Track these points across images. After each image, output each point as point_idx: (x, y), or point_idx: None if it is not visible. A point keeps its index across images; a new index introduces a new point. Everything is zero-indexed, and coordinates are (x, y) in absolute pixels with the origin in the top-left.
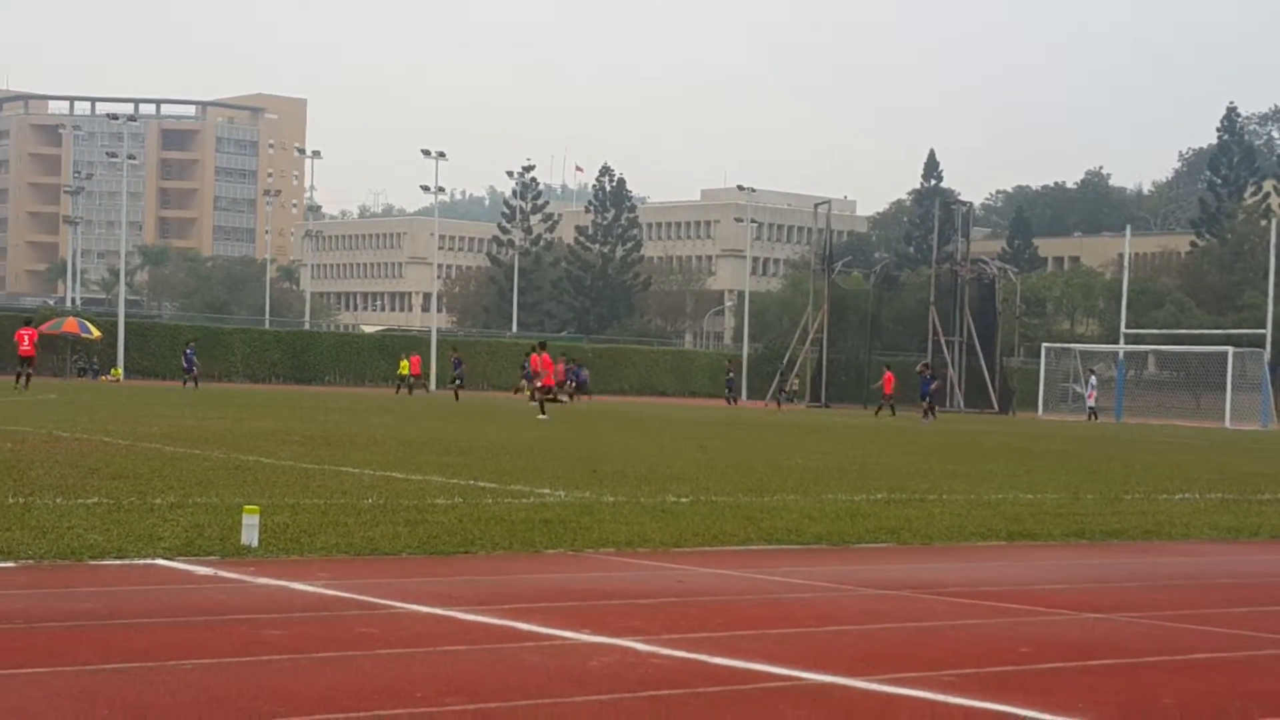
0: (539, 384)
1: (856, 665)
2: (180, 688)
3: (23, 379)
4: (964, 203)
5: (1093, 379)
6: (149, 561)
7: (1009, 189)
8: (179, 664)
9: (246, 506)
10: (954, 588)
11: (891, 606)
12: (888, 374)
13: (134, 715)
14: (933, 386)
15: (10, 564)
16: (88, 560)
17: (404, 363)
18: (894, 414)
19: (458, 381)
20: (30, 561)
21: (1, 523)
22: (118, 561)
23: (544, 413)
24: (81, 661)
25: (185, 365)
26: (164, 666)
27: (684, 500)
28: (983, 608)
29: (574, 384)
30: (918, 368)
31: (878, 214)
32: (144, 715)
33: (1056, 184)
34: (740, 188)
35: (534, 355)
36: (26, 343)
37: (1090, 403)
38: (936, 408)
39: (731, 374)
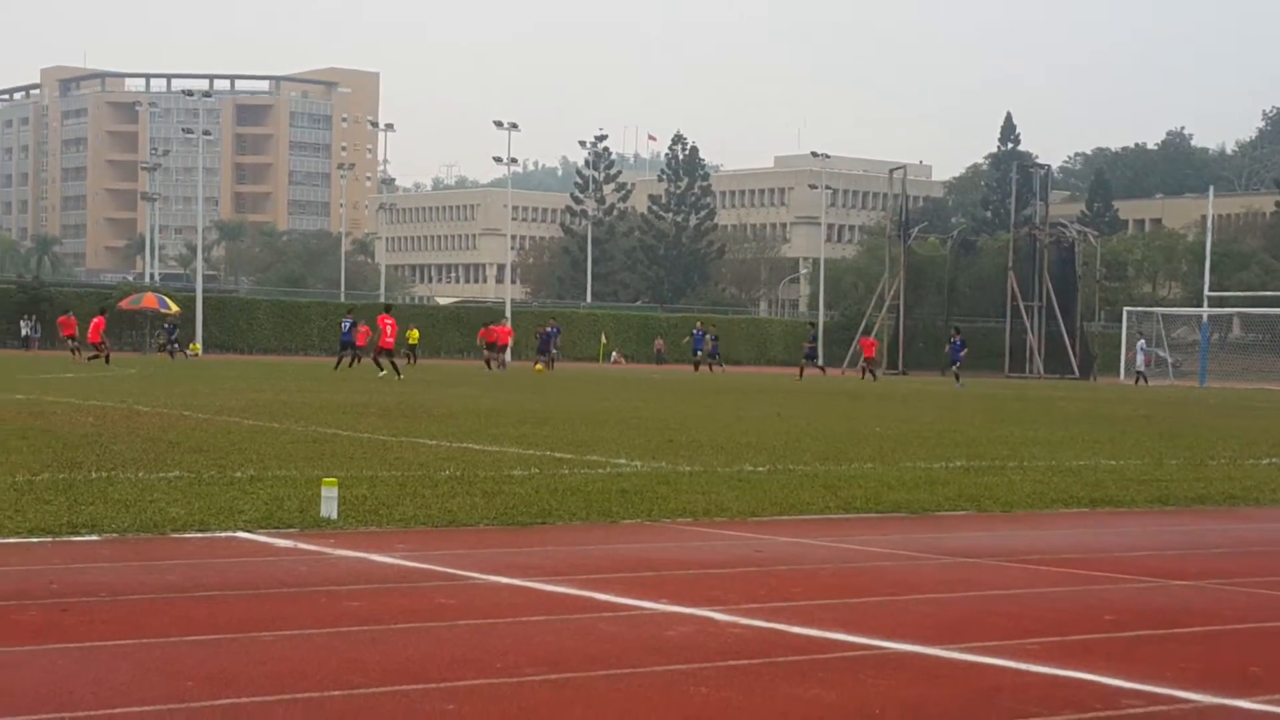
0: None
1: (937, 634)
2: (262, 659)
3: (91, 358)
4: (1042, 166)
5: (1140, 343)
6: (230, 534)
7: (1088, 151)
8: (260, 635)
9: (325, 479)
10: (1035, 555)
11: (972, 574)
12: (868, 340)
13: (217, 686)
14: (963, 352)
15: (94, 537)
16: (170, 533)
17: (411, 332)
18: (875, 378)
19: (553, 353)
20: (114, 535)
21: (85, 497)
22: (199, 534)
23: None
24: (165, 633)
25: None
26: (246, 638)
27: (761, 469)
28: (1065, 575)
29: (551, 353)
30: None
31: (954, 179)
32: (227, 686)
33: (1137, 145)
34: (814, 154)
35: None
36: (92, 331)
37: (1139, 367)
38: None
39: (811, 343)
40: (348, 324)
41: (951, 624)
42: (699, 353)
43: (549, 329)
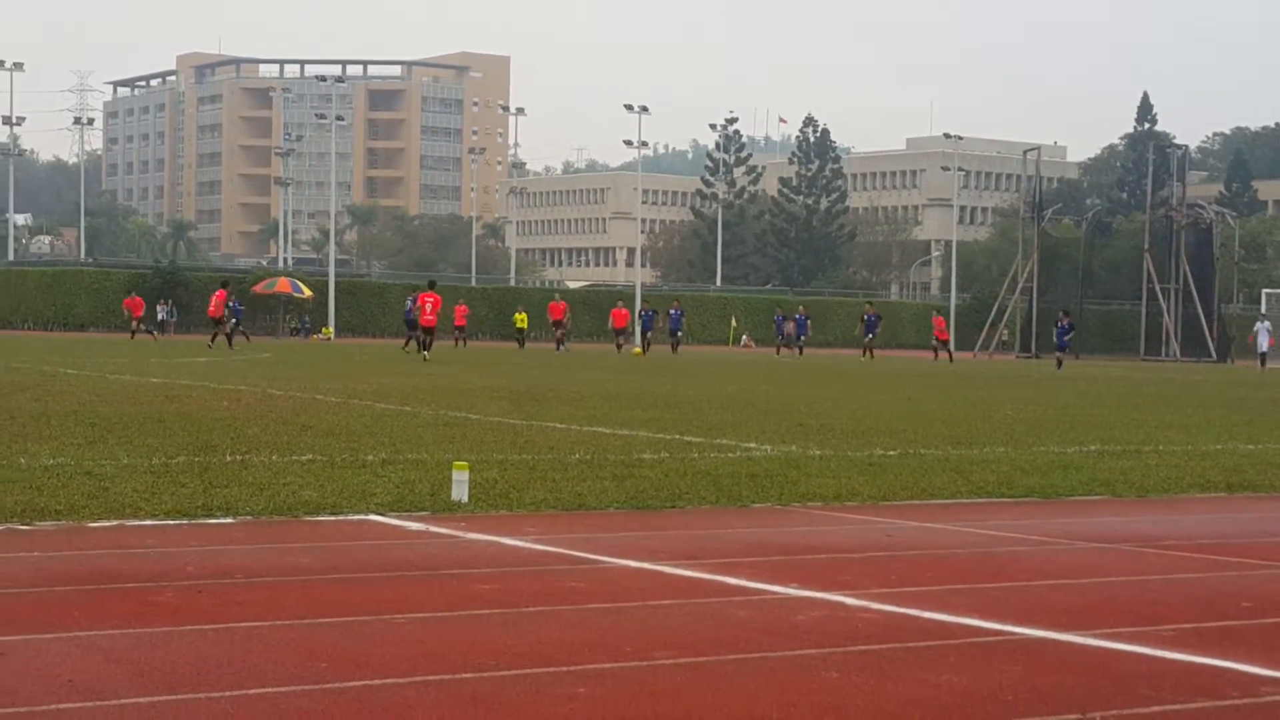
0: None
1: (1070, 619)
2: (394, 641)
3: (216, 338)
4: (1179, 146)
5: (1260, 325)
6: (362, 517)
7: (1226, 130)
8: (393, 618)
9: (456, 462)
10: (1171, 541)
11: (1106, 560)
12: (939, 319)
13: (351, 667)
14: (1069, 336)
15: (229, 520)
16: (303, 516)
17: (519, 315)
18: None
19: (679, 335)
20: (248, 518)
21: (220, 480)
22: (331, 517)
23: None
24: (298, 615)
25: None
26: (378, 620)
27: (892, 453)
28: (1202, 561)
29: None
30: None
31: (1089, 159)
32: (360, 667)
33: (1277, 125)
34: (946, 135)
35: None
36: (213, 305)
37: (1262, 348)
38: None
39: (869, 315)
40: (411, 301)
41: (1085, 610)
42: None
43: (645, 312)
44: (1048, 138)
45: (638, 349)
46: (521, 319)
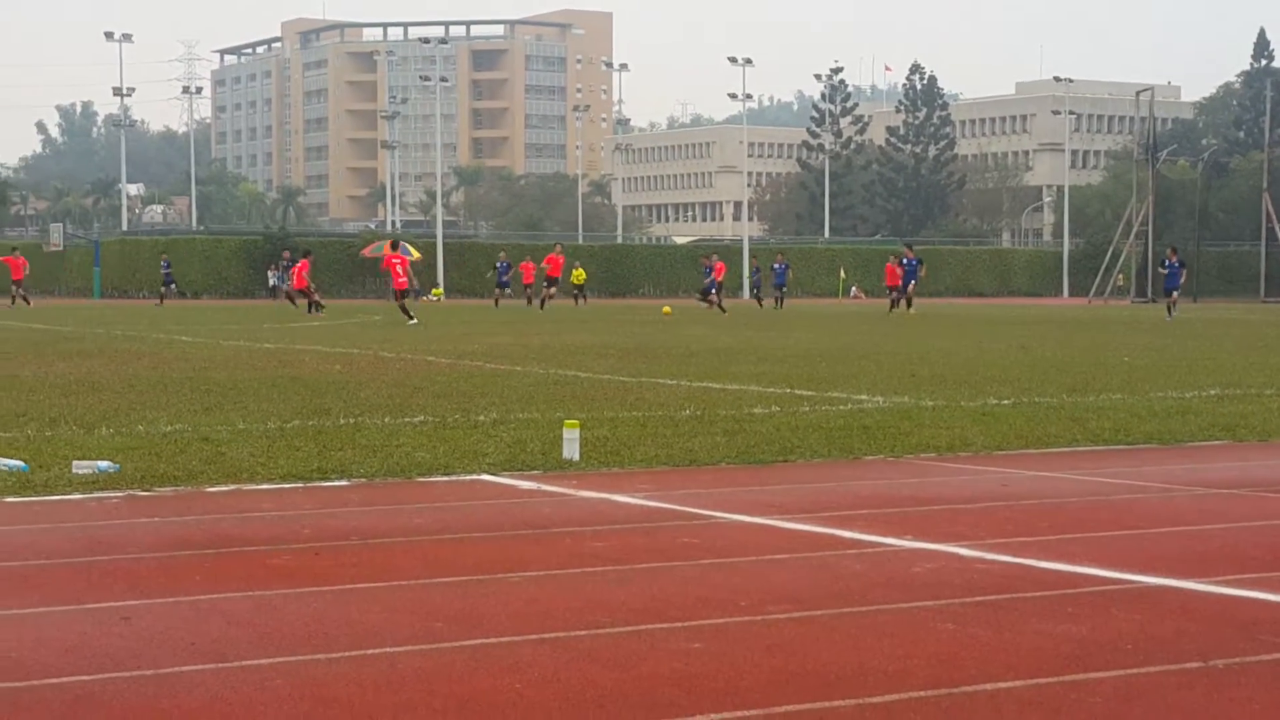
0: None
1: (1192, 567)
2: (509, 599)
3: (310, 306)
4: None
5: None
6: (474, 477)
7: None
8: (507, 576)
9: (567, 421)
10: None
11: (1228, 506)
12: (718, 263)
13: (466, 626)
14: (1182, 277)
15: (344, 482)
16: (416, 477)
17: (577, 272)
18: (723, 310)
19: (783, 290)
20: (362, 480)
21: (334, 442)
22: (444, 478)
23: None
24: (414, 575)
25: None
26: (493, 579)
27: (1006, 402)
28: None
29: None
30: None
31: (1204, 99)
32: (475, 626)
33: None
34: (1057, 79)
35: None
36: (296, 277)
37: None
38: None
39: (779, 264)
40: (504, 266)
41: (1206, 557)
42: (781, 287)
43: (706, 262)
44: (1161, 78)
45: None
46: (579, 275)
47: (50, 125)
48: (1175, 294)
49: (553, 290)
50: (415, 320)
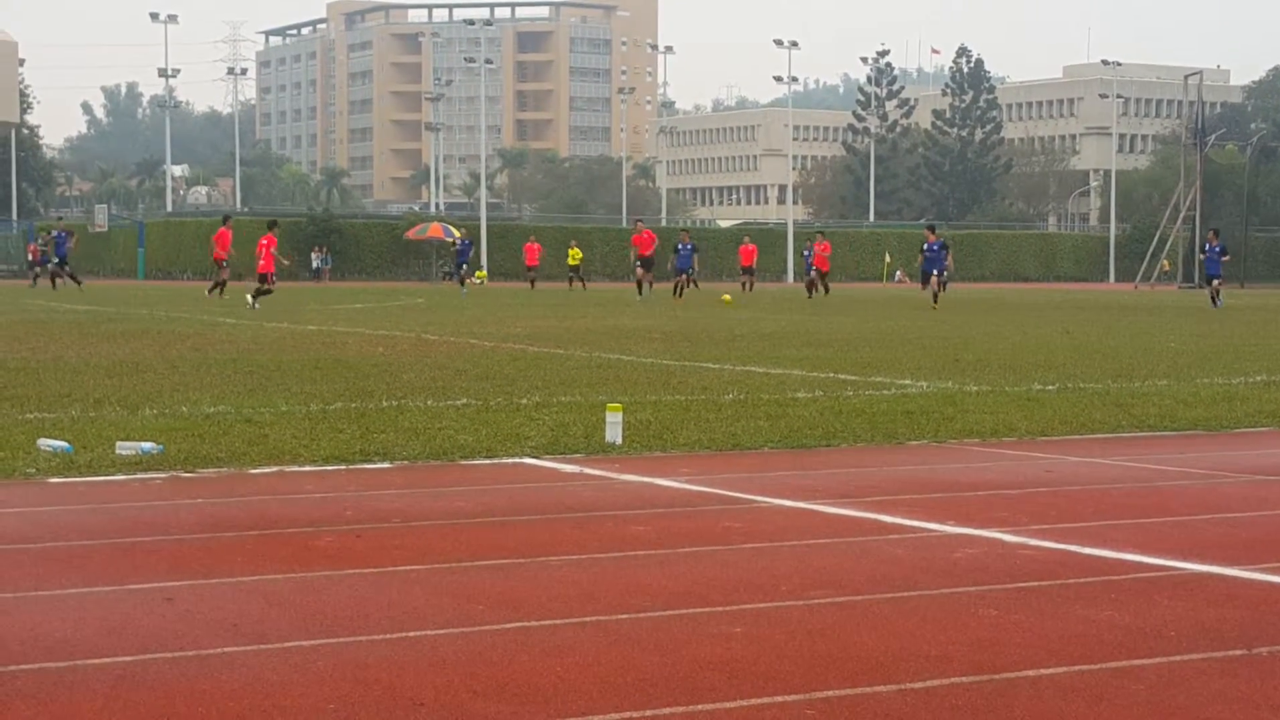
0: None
1: (1237, 554)
2: (551, 582)
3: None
4: None
5: None
6: (516, 460)
7: None
8: (548, 560)
9: (610, 404)
10: None
11: (1275, 493)
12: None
13: (508, 609)
14: (1224, 259)
15: (386, 465)
16: (458, 460)
17: (572, 252)
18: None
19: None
20: (405, 462)
21: (377, 425)
22: (487, 461)
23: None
24: (456, 558)
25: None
26: (535, 562)
27: (1050, 388)
28: None
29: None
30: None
31: (1254, 83)
32: (517, 609)
33: None
34: (1105, 62)
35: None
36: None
37: None
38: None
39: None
40: (465, 244)
41: (1251, 544)
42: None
43: (682, 245)
44: (1210, 61)
45: (726, 296)
46: (575, 255)
47: (95, 106)
48: (1218, 281)
49: (648, 273)
50: (256, 305)
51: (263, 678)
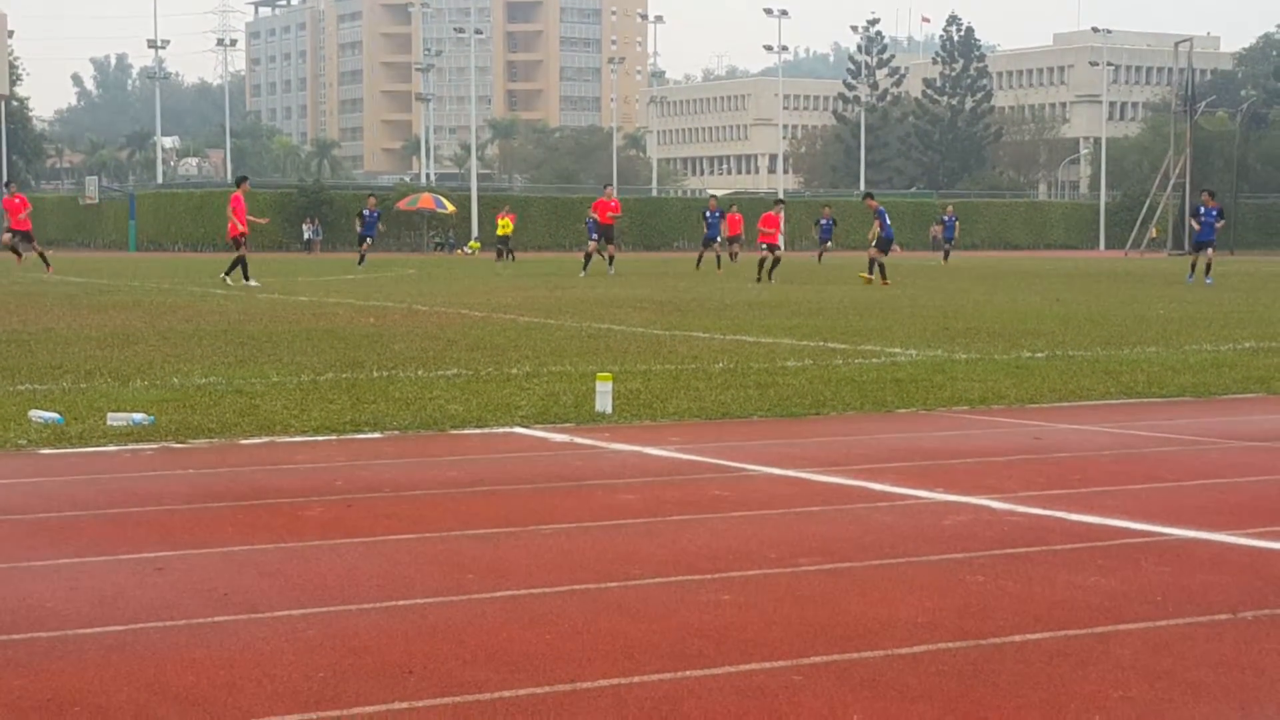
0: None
1: (1222, 519)
2: (540, 551)
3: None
4: None
5: None
6: (507, 430)
7: None
8: (538, 528)
9: (600, 374)
10: None
11: (1261, 459)
12: (734, 217)
13: (496, 578)
14: (1219, 225)
15: (377, 435)
16: (449, 430)
17: (502, 221)
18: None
19: (827, 244)
20: (395, 432)
21: (367, 395)
22: (477, 430)
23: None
24: (446, 527)
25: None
26: (524, 531)
27: (1039, 355)
28: None
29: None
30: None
31: (1244, 49)
32: (506, 578)
33: None
34: (1095, 29)
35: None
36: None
37: None
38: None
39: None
40: (373, 215)
41: (1237, 509)
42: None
43: (710, 213)
44: (1200, 28)
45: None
46: (506, 225)
47: (85, 78)
48: (1211, 250)
49: (736, 249)
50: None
51: (253, 647)
